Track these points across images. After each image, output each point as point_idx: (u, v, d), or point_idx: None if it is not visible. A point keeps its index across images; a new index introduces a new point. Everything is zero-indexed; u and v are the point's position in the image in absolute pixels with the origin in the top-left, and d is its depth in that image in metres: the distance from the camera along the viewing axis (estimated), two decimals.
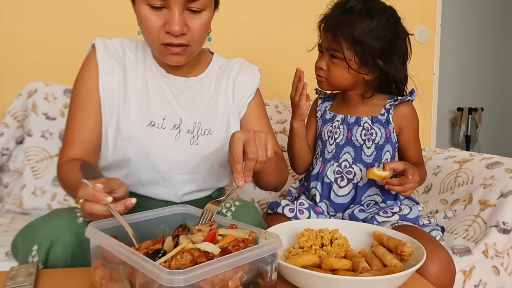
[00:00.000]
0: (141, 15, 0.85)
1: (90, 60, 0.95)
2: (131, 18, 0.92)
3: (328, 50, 1.08)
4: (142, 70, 0.97)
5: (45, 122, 1.44)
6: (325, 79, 1.12)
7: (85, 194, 0.67)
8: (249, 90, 1.05)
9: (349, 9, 1.05)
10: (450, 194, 1.31)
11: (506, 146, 3.72)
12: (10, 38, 1.66)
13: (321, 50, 1.13)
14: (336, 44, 1.05)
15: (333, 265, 0.70)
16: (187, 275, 0.48)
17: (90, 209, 0.67)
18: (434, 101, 2.29)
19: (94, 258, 0.64)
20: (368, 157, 1.12)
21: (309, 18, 1.29)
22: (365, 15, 1.04)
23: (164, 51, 0.88)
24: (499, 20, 3.72)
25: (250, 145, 0.75)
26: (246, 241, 0.60)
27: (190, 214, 0.77)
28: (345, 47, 1.04)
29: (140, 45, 1.01)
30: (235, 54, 1.19)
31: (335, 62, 1.08)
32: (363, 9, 1.04)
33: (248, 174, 0.75)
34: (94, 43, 0.96)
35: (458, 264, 1.01)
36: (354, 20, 1.03)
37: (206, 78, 1.03)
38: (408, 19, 1.29)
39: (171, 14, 0.83)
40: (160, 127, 0.94)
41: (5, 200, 1.40)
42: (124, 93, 0.94)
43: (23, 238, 0.77)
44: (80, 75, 0.95)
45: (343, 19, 1.04)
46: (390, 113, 1.12)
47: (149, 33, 0.86)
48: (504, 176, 1.17)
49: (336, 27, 1.04)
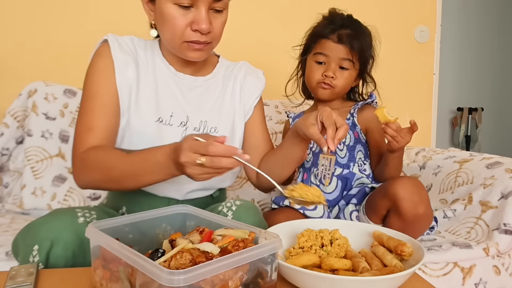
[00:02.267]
0: (167, 14, 0.86)
1: (103, 53, 0.94)
2: (131, 18, 0.92)
3: (340, 60, 1.17)
4: (152, 67, 0.98)
5: (45, 122, 1.44)
6: (332, 88, 1.19)
7: (215, 150, 0.67)
8: (255, 93, 1.09)
9: (351, 24, 1.19)
10: (450, 194, 1.31)
11: (506, 146, 3.72)
12: (10, 38, 1.66)
13: (322, 61, 1.20)
14: (350, 55, 1.17)
15: (333, 265, 0.70)
16: (187, 275, 0.48)
17: (220, 164, 0.68)
18: (434, 101, 2.29)
19: (94, 258, 0.64)
20: (343, 159, 1.22)
21: (309, 18, 1.29)
22: (365, 31, 1.21)
23: (187, 48, 0.90)
24: (499, 20, 3.72)
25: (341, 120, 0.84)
26: (245, 241, 0.60)
27: (190, 214, 0.77)
28: (355, 59, 1.18)
29: (148, 43, 1.02)
30: (235, 54, 1.19)
31: (342, 72, 1.19)
32: (361, 26, 1.21)
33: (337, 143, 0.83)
34: (106, 38, 0.95)
35: (457, 255, 1.02)
36: (365, 36, 1.20)
37: (213, 79, 1.05)
38: (408, 19, 1.32)
39: (199, 13, 0.85)
40: (167, 124, 0.95)
41: (5, 200, 1.40)
42: (136, 89, 0.95)
43: (24, 238, 0.77)
44: (95, 65, 0.93)
45: (357, 32, 1.18)
46: (354, 116, 1.23)
47: (173, 30, 0.87)
48: (504, 176, 1.17)
49: (352, 40, 1.16)
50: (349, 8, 2.14)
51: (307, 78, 1.25)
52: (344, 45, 1.16)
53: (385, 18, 2.13)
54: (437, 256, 1.02)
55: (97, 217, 0.81)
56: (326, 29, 1.19)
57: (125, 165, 0.81)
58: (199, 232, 0.66)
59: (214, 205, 0.93)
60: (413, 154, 1.64)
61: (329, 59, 1.18)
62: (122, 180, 0.83)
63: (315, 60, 1.21)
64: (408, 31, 2.18)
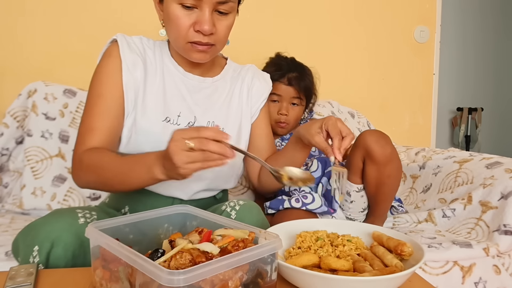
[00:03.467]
0: (172, 14, 0.87)
1: (112, 53, 0.94)
2: (132, 17, 0.92)
3: (291, 98, 1.40)
4: (160, 67, 0.99)
5: (45, 122, 1.44)
6: (287, 124, 1.41)
7: (205, 132, 0.66)
8: (262, 95, 1.11)
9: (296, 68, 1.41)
10: (449, 193, 1.31)
11: (506, 146, 3.72)
12: (10, 38, 1.66)
13: (276, 100, 1.40)
14: (300, 94, 1.40)
15: (331, 264, 0.69)
16: (187, 275, 0.48)
17: (208, 146, 0.65)
18: (434, 101, 2.29)
19: (94, 258, 0.64)
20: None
21: (309, 18, 1.29)
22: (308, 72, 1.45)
23: (190, 49, 0.90)
24: (499, 20, 3.72)
25: (346, 129, 0.84)
26: (245, 241, 0.60)
27: (190, 214, 0.77)
28: (303, 95, 1.42)
29: (157, 44, 1.02)
30: (236, 55, 1.19)
31: (294, 108, 1.42)
32: (304, 69, 1.45)
33: (343, 153, 0.82)
34: (115, 38, 0.96)
35: (457, 254, 1.02)
36: (306, 76, 1.43)
37: (221, 80, 1.06)
38: (408, 19, 1.33)
39: (202, 14, 0.86)
40: (175, 124, 0.96)
41: (5, 200, 1.39)
42: (143, 88, 0.95)
43: (24, 239, 0.77)
44: (102, 66, 0.94)
45: (302, 75, 1.41)
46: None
47: (177, 30, 0.88)
48: (504, 176, 1.17)
49: (299, 81, 1.39)
50: (349, 8, 2.14)
51: None
52: (293, 86, 1.39)
53: (385, 18, 2.13)
54: (437, 255, 1.02)
55: (98, 218, 0.81)
56: (276, 74, 1.37)
57: (115, 165, 0.81)
58: (198, 232, 0.66)
59: (217, 205, 0.93)
60: (413, 154, 1.64)
61: (281, 98, 1.40)
62: (112, 181, 0.83)
63: (270, 100, 1.35)
64: (408, 31, 2.18)
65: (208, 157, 0.67)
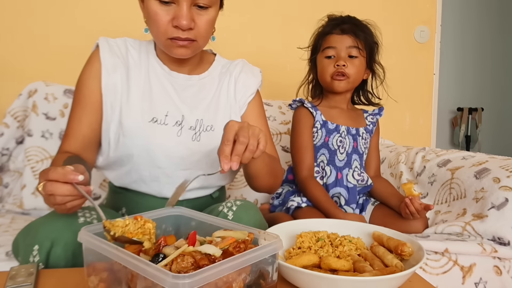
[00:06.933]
0: (150, 10, 0.87)
1: (92, 59, 0.96)
2: (132, 17, 0.93)
3: (348, 48, 1.24)
4: (145, 67, 0.99)
5: (45, 122, 1.44)
6: (347, 77, 1.25)
7: (54, 174, 0.65)
8: (250, 89, 1.07)
9: (350, 19, 1.28)
10: (446, 206, 1.31)
11: (506, 146, 3.72)
12: (11, 38, 1.66)
13: (330, 56, 1.26)
14: (356, 43, 1.24)
15: (332, 264, 0.70)
16: (192, 278, 0.47)
17: (53, 190, 0.65)
18: (434, 101, 2.29)
19: (88, 264, 0.61)
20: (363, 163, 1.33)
21: (309, 18, 1.30)
22: (364, 23, 1.29)
23: (171, 45, 0.90)
24: (499, 20, 3.72)
25: (243, 132, 0.73)
26: (246, 242, 0.60)
27: (184, 216, 0.76)
28: (362, 46, 1.25)
29: (143, 44, 1.02)
30: (236, 55, 1.19)
31: (352, 60, 1.25)
32: (359, 20, 1.29)
33: (235, 160, 0.71)
34: (98, 42, 0.97)
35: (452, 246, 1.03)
36: (365, 27, 1.27)
37: (208, 77, 1.05)
38: (408, 19, 1.33)
39: (180, 8, 0.86)
40: (162, 123, 0.95)
41: (5, 200, 1.39)
42: (127, 90, 0.95)
43: (24, 238, 0.77)
44: (82, 73, 0.97)
45: (358, 25, 1.26)
46: (375, 125, 1.36)
47: (157, 27, 0.88)
48: (493, 187, 1.16)
49: (355, 29, 1.25)
50: (349, 8, 2.13)
51: (321, 75, 1.29)
52: (349, 34, 1.24)
53: (385, 18, 2.13)
54: (431, 244, 1.01)
55: (97, 218, 0.81)
56: (328, 26, 1.27)
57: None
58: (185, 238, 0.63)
59: (214, 206, 0.93)
60: (413, 154, 1.63)
61: (337, 50, 1.25)
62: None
63: (325, 56, 1.27)
64: (408, 31, 2.19)
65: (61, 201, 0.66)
